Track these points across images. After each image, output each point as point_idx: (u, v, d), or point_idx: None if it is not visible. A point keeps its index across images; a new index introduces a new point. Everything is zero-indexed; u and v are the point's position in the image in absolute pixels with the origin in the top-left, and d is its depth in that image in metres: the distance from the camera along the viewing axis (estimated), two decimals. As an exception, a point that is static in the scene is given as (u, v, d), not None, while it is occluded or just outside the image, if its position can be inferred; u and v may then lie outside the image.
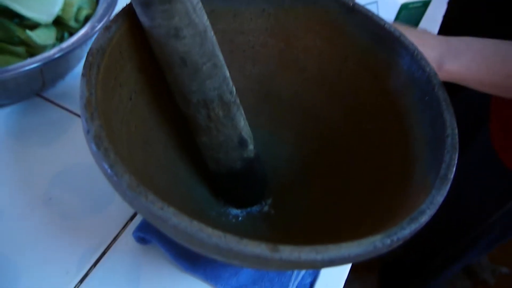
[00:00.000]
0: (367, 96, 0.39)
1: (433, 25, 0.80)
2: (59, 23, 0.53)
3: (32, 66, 0.45)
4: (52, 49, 0.47)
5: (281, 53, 0.42)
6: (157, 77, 0.35)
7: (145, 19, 0.30)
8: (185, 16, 0.30)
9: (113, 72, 0.31)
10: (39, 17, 0.50)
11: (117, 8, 0.54)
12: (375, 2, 0.72)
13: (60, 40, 0.54)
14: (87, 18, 0.55)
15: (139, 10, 0.30)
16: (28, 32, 0.49)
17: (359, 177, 0.38)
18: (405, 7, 0.73)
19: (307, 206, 0.40)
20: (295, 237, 0.37)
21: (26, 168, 0.48)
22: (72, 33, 0.52)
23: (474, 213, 0.84)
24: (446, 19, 0.83)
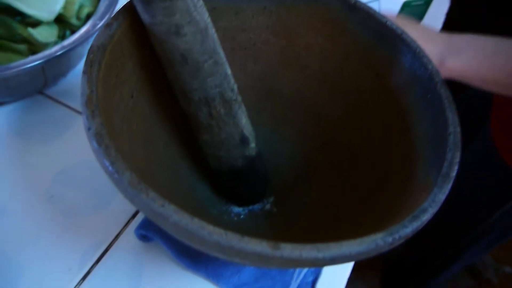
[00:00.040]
0: (369, 93, 0.39)
1: (435, 23, 0.80)
2: (60, 21, 0.53)
3: (33, 63, 0.45)
4: (53, 47, 0.47)
5: (283, 50, 0.42)
6: (158, 74, 0.35)
7: (146, 16, 0.30)
8: (186, 13, 0.30)
9: (114, 69, 0.31)
10: (41, 15, 0.50)
11: (118, 5, 0.54)
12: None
13: (61, 38, 0.54)
14: (88, 16, 0.55)
15: (140, 7, 0.30)
16: (30, 29, 0.49)
17: (361, 175, 0.38)
18: (407, 4, 0.73)
19: (309, 204, 0.40)
20: (297, 235, 0.37)
21: (28, 165, 0.48)
22: (73, 31, 0.52)
23: (474, 213, 0.83)
24: (448, 17, 0.83)
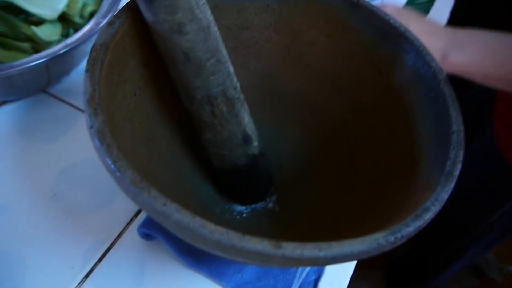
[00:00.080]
0: (372, 91, 0.39)
1: (439, 21, 0.79)
2: (64, 19, 0.53)
3: (37, 62, 0.45)
4: (57, 45, 0.47)
5: (285, 48, 0.42)
6: (161, 73, 0.35)
7: (149, 14, 0.30)
8: (189, 11, 0.30)
9: (116, 67, 0.31)
10: (44, 13, 0.50)
11: (121, 4, 0.54)
12: (380, -3, 0.72)
13: (65, 36, 0.54)
14: (92, 14, 0.55)
15: (143, 5, 0.30)
16: (33, 28, 0.49)
17: (363, 173, 0.38)
18: (411, 2, 0.72)
19: (312, 202, 0.40)
20: (300, 234, 0.37)
21: (31, 164, 0.48)
22: (77, 29, 0.52)
23: (474, 212, 0.83)
24: (453, 15, 0.82)
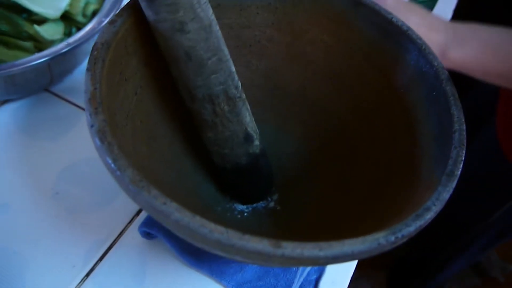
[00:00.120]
0: (374, 90, 0.38)
1: (444, 17, 0.79)
2: (66, 18, 0.53)
3: (39, 61, 0.45)
4: (59, 44, 0.47)
5: (288, 47, 0.42)
6: (162, 71, 0.35)
7: (150, 13, 0.30)
8: (190, 10, 0.30)
9: (118, 66, 0.31)
10: (47, 12, 0.50)
11: (123, 2, 0.54)
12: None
13: (68, 35, 0.54)
14: (94, 13, 0.55)
15: (144, 4, 0.30)
16: (36, 27, 0.50)
17: (364, 173, 0.38)
18: (413, 1, 0.72)
19: (313, 202, 0.40)
20: (301, 233, 0.37)
21: (33, 162, 0.48)
22: (79, 28, 0.52)
23: (475, 211, 0.83)
24: (457, 12, 0.82)
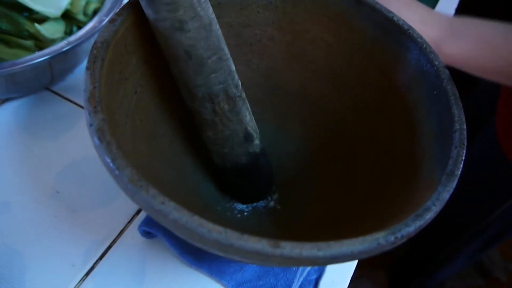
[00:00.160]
0: (375, 89, 0.38)
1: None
2: (67, 16, 0.53)
3: (40, 59, 0.45)
4: (60, 42, 0.47)
5: (288, 46, 0.42)
6: (162, 70, 0.35)
7: (150, 11, 0.30)
8: (190, 9, 0.29)
9: (117, 65, 0.31)
10: (48, 11, 0.50)
11: (124, 1, 0.54)
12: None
13: (68, 34, 0.54)
14: (95, 11, 0.55)
15: (144, 2, 0.30)
16: (36, 25, 0.50)
17: (364, 173, 0.37)
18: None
19: (313, 201, 0.40)
20: (300, 233, 0.37)
21: (34, 161, 0.48)
22: (80, 27, 0.52)
23: (475, 210, 0.83)
24: (459, 12, 0.82)
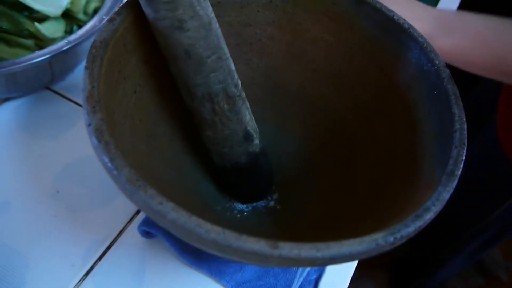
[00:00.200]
0: (375, 88, 0.38)
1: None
2: (68, 16, 0.53)
3: (40, 58, 0.45)
4: (60, 42, 0.47)
5: (288, 45, 0.41)
6: (162, 70, 0.35)
7: (149, 11, 0.30)
8: (189, 8, 0.29)
9: (117, 65, 0.31)
10: (48, 10, 0.50)
11: (124, 0, 0.54)
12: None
13: (69, 33, 0.54)
14: (95, 10, 0.55)
15: (143, 1, 0.30)
16: (37, 25, 0.49)
17: (364, 173, 0.37)
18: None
19: (313, 201, 0.40)
20: (300, 233, 0.37)
21: (34, 160, 0.48)
22: (81, 26, 0.52)
23: (475, 210, 0.83)
24: (462, 6, 0.81)
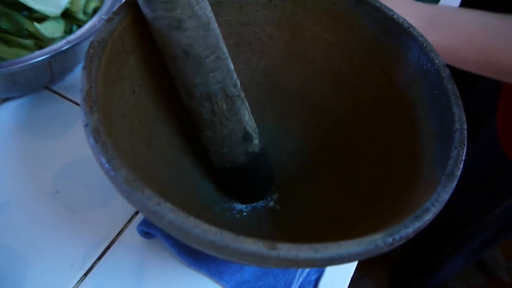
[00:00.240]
0: (375, 88, 0.38)
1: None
2: (67, 15, 0.53)
3: (40, 58, 0.45)
4: (60, 41, 0.47)
5: (287, 45, 0.41)
6: (160, 70, 0.35)
7: (148, 10, 0.30)
8: (188, 7, 0.29)
9: (115, 65, 0.31)
10: (48, 10, 0.50)
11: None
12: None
13: (68, 33, 0.54)
14: (95, 10, 0.54)
15: (142, 1, 0.30)
16: (36, 24, 0.49)
17: (364, 173, 0.37)
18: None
19: (313, 201, 0.40)
20: (300, 233, 0.37)
21: (33, 160, 0.48)
22: (80, 26, 0.52)
23: (474, 209, 0.83)
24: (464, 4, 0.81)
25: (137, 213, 0.45)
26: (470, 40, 0.43)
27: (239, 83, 0.35)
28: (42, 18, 0.51)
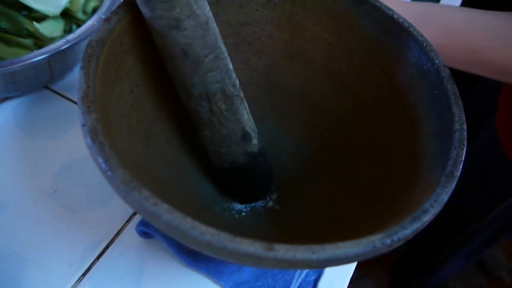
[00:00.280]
0: (375, 89, 0.38)
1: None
2: (67, 15, 0.53)
3: (39, 58, 0.45)
4: (59, 41, 0.47)
5: (287, 45, 0.41)
6: (159, 69, 0.34)
7: (146, 10, 0.30)
8: (186, 7, 0.29)
9: (113, 64, 0.31)
10: (47, 9, 0.50)
11: (123, -1, 0.54)
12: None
13: (68, 32, 0.54)
14: (94, 10, 0.54)
15: (140, 0, 0.30)
16: (35, 24, 0.49)
17: (364, 173, 0.37)
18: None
19: (313, 201, 0.40)
20: (299, 234, 0.37)
21: (32, 160, 0.48)
22: (80, 25, 0.51)
23: (474, 209, 0.82)
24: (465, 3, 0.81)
25: (135, 213, 0.45)
26: (457, 37, 0.42)
27: (238, 82, 0.35)
28: (41, 17, 0.51)
